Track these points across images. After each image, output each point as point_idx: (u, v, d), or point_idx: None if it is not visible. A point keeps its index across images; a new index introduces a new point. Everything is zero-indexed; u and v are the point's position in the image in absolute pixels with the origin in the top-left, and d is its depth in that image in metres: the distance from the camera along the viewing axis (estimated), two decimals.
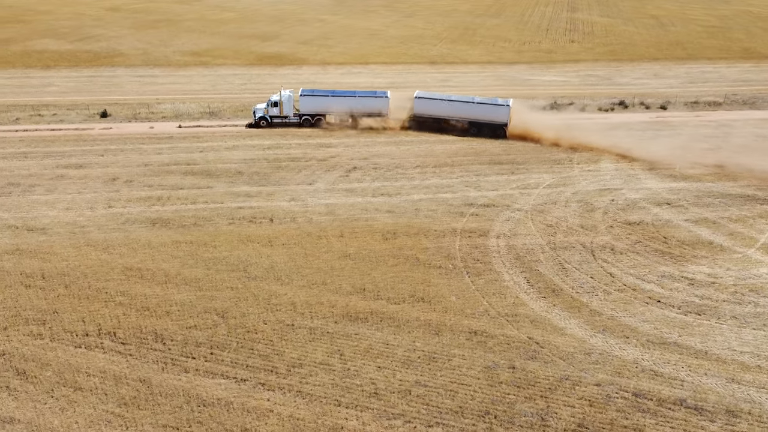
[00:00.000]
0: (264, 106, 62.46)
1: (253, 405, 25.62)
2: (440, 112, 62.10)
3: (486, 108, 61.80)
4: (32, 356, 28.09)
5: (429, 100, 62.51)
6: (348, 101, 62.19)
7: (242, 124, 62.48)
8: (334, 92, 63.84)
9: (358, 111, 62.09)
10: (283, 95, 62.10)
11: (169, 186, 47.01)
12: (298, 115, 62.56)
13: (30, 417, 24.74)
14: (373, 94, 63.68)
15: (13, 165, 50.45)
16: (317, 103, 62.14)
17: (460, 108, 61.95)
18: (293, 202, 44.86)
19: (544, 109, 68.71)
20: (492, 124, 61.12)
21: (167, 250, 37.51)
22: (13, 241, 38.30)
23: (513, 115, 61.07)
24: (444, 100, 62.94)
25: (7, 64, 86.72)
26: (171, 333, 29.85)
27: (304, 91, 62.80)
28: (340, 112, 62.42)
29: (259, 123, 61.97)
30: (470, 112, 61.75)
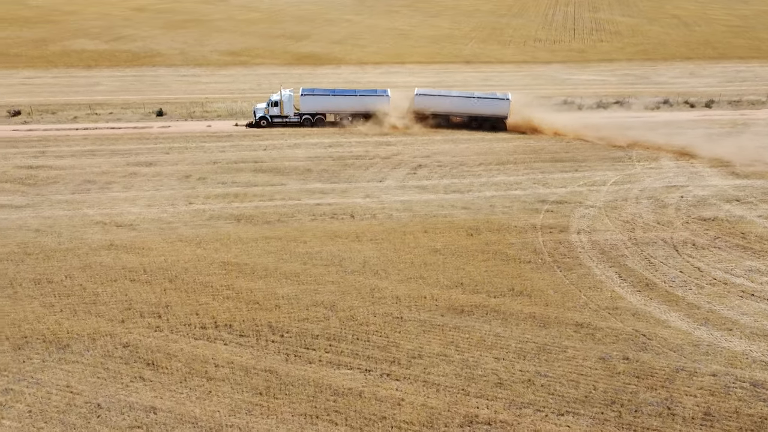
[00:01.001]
0: (264, 105, 62.10)
1: (384, 394, 26.26)
2: (442, 108, 62.43)
3: (487, 102, 62.45)
4: (157, 348, 28.76)
5: (430, 97, 62.76)
6: (349, 100, 62.12)
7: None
8: (335, 91, 63.63)
9: (359, 110, 61.94)
10: (283, 95, 61.81)
11: (242, 183, 47.71)
12: (298, 114, 62.20)
13: (170, 406, 25.38)
14: (374, 93, 63.41)
15: (84, 163, 51.17)
16: (318, 103, 62.00)
17: (461, 103, 62.52)
18: (368, 198, 45.54)
19: (590, 108, 69.50)
20: (493, 117, 61.94)
21: (259, 245, 38.17)
22: (106, 236, 38.98)
23: (513, 108, 61.91)
24: (445, 96, 63.50)
25: (49, 63, 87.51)
26: (285, 325, 30.48)
27: (305, 91, 62.55)
28: (341, 112, 62.37)
29: (260, 122, 61.66)
30: (471, 106, 62.34)
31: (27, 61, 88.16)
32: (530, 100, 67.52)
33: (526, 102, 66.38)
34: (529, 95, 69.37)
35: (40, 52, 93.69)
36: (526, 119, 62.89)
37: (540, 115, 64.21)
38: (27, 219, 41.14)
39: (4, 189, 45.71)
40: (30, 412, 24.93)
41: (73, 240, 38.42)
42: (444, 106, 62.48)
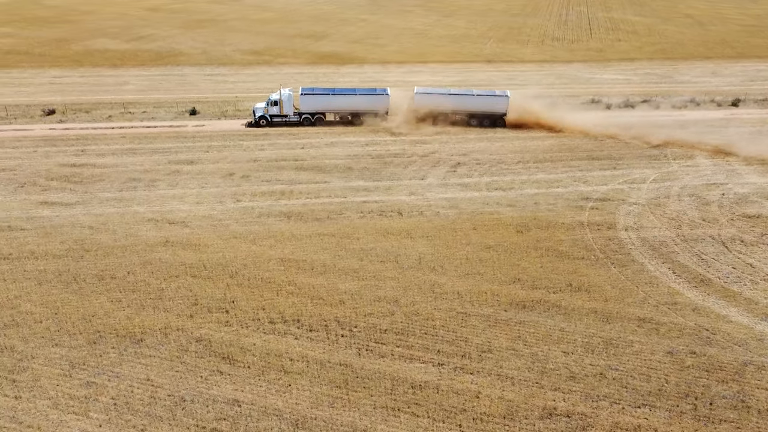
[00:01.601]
0: (264, 105, 61.94)
1: (460, 387, 26.61)
2: (442, 106, 62.40)
3: (486, 99, 62.95)
4: (230, 342, 29.10)
5: (430, 95, 62.90)
6: (349, 99, 62.20)
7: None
8: (335, 90, 63.66)
9: (359, 109, 62.03)
10: (282, 94, 61.58)
11: (286, 181, 48.07)
12: (298, 113, 62.03)
13: (252, 398, 25.74)
14: (374, 92, 63.45)
15: (125, 161, 51.56)
16: (318, 102, 61.98)
17: (461, 101, 62.76)
18: (413, 196, 45.88)
19: (618, 107, 69.84)
20: (492, 114, 62.32)
21: (313, 242, 38.53)
22: (160, 233, 39.36)
23: (511, 104, 62.25)
24: (444, 94, 63.68)
25: (74, 62, 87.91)
26: (352, 320, 30.84)
27: (305, 90, 62.51)
28: (341, 111, 62.52)
29: (259, 122, 61.49)
30: (471, 104, 62.66)
31: (52, 60, 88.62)
32: (556, 100, 68.01)
33: (551, 101, 66.87)
34: (551, 94, 69.88)
35: (63, 52, 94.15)
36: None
37: (570, 114, 64.62)
38: (79, 216, 41.56)
39: (52, 187, 46.15)
40: (115, 404, 25.31)
41: (129, 237, 38.84)
42: (444, 105, 62.45)
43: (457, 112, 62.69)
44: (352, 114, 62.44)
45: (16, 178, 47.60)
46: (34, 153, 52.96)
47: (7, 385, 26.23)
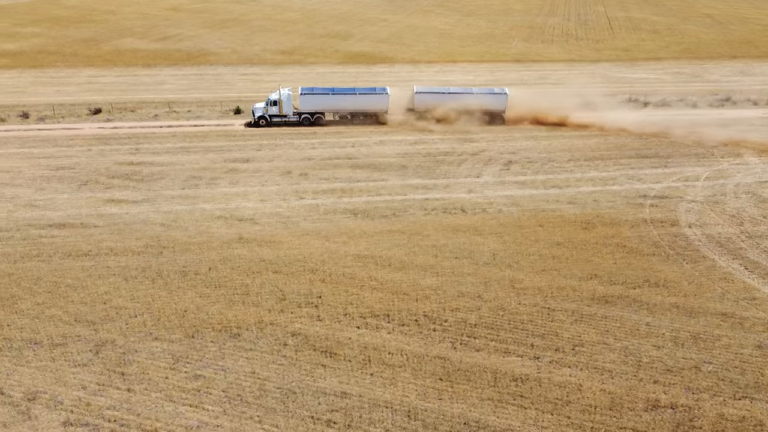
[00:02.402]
0: (263, 105, 61.82)
1: (560, 380, 27.04)
2: (442, 105, 62.61)
3: (486, 98, 63.21)
4: (325, 336, 29.55)
5: (430, 94, 63.22)
6: (348, 99, 62.25)
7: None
8: (334, 90, 63.62)
9: (359, 108, 62.14)
10: (282, 94, 61.45)
11: (344, 179, 48.55)
12: (297, 113, 61.89)
13: (359, 391, 26.17)
14: (373, 91, 63.42)
15: (181, 159, 52.06)
16: (317, 102, 61.91)
17: (461, 99, 62.94)
18: (472, 194, 46.32)
19: (656, 105, 70.25)
20: (492, 112, 62.68)
21: (385, 238, 38.99)
22: (232, 230, 39.84)
23: (510, 102, 62.81)
24: (444, 93, 63.97)
25: (107, 62, 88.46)
26: (440, 315, 31.29)
27: (304, 90, 62.46)
28: (341, 110, 62.50)
29: (258, 122, 61.35)
30: (471, 102, 62.78)
31: (85, 60, 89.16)
32: (598, 99, 68.49)
33: (583, 98, 67.46)
34: (587, 93, 70.29)
35: (94, 51, 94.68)
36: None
37: (610, 113, 65.14)
38: (148, 214, 42.05)
39: (114, 185, 46.65)
40: (227, 396, 25.76)
41: (202, 234, 39.32)
42: (444, 103, 62.66)
43: (458, 111, 62.76)
44: (352, 113, 62.44)
45: (77, 176, 48.15)
46: (89, 151, 53.51)
47: (117, 378, 26.70)
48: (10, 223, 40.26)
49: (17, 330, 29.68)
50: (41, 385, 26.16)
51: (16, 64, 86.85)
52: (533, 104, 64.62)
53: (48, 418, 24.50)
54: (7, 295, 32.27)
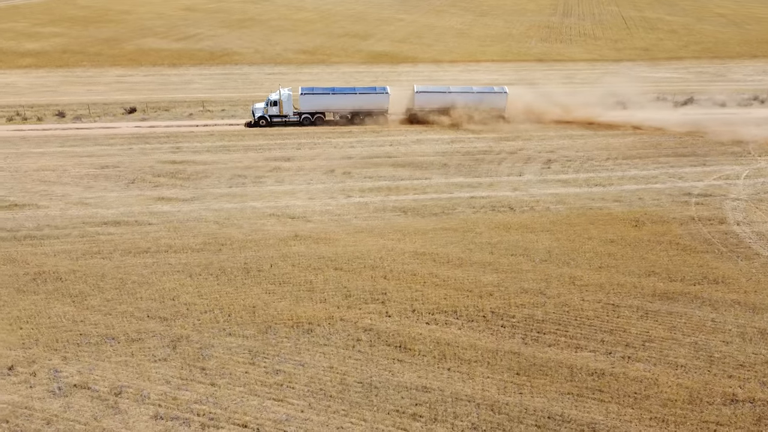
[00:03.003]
0: (263, 105, 61.58)
1: (635, 375, 27.31)
2: (442, 104, 62.51)
3: (486, 96, 63.11)
4: (396, 332, 29.80)
5: (430, 94, 63.03)
6: (349, 98, 61.86)
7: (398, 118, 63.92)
8: (334, 89, 63.17)
9: (360, 108, 61.89)
10: (282, 94, 61.15)
11: (388, 177, 48.80)
12: (297, 113, 61.60)
13: (439, 385, 26.45)
14: (374, 90, 63.04)
15: (223, 158, 52.32)
16: (317, 102, 61.57)
17: (462, 98, 62.72)
18: (517, 192, 46.58)
19: (684, 104, 70.47)
20: (492, 110, 62.46)
21: (439, 236, 39.27)
22: (286, 228, 40.13)
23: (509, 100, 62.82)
24: (444, 92, 63.70)
25: (132, 61, 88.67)
26: (506, 311, 31.57)
27: (304, 90, 62.15)
28: (342, 110, 62.22)
29: (259, 122, 60.98)
30: (471, 101, 62.65)
31: (110, 59, 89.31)
32: (631, 97, 68.87)
33: (620, 99, 67.79)
34: (617, 92, 70.53)
35: (118, 51, 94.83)
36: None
37: (642, 112, 65.44)
38: (200, 212, 42.32)
39: (162, 183, 46.93)
40: (310, 391, 26.06)
41: (257, 231, 39.60)
42: (445, 102, 62.59)
43: (458, 109, 62.65)
44: (352, 113, 62.21)
45: (123, 174, 48.40)
46: (130, 150, 53.76)
47: (198, 372, 27.02)
48: (65, 221, 40.59)
49: (91, 326, 30.00)
50: (125, 380, 26.49)
51: (43, 63, 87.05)
52: (557, 101, 64.94)
53: (137, 412, 24.82)
54: (76, 292, 32.61)
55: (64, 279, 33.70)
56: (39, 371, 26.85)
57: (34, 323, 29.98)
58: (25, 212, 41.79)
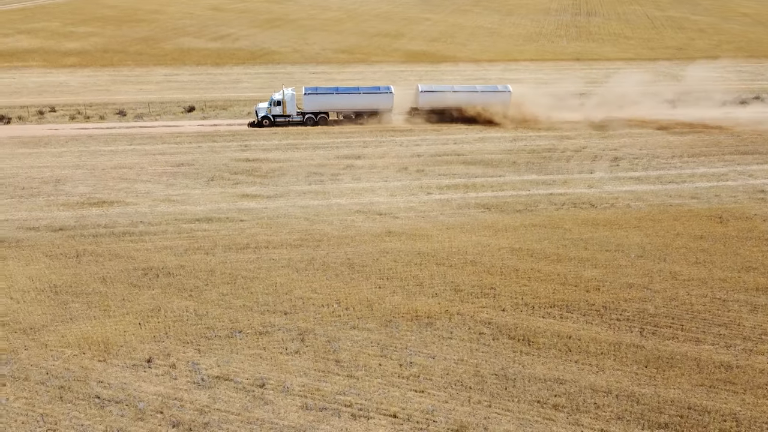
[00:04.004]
0: (266, 105, 61.48)
1: (762, 367, 27.65)
2: (446, 103, 62.64)
3: (490, 95, 63.18)
4: (515, 325, 30.30)
5: (435, 93, 63.16)
6: (353, 98, 61.92)
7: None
8: (338, 89, 63.25)
9: (363, 108, 61.92)
10: (285, 94, 61.23)
11: (461, 174, 49.32)
12: (301, 113, 61.61)
13: (571, 377, 26.87)
14: (377, 90, 63.15)
15: (294, 156, 52.84)
16: (322, 101, 61.53)
17: (466, 98, 62.89)
18: (593, 189, 47.09)
19: (733, 104, 70.93)
20: (496, 108, 62.35)
21: (529, 232, 39.75)
22: (376, 224, 40.63)
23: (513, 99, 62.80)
24: (448, 91, 63.79)
25: (176, 61, 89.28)
26: (616, 305, 31.97)
27: (308, 90, 62.17)
28: (345, 110, 62.33)
29: (262, 122, 60.98)
30: (476, 100, 62.77)
31: (153, 59, 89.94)
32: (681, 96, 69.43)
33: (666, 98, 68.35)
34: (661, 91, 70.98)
35: (158, 50, 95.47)
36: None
37: (694, 110, 65.96)
38: (287, 208, 42.85)
39: (240, 180, 47.45)
40: (447, 382, 26.53)
41: (349, 228, 40.12)
42: (449, 102, 62.74)
43: (462, 109, 63.00)
44: (356, 113, 62.32)
45: (200, 172, 48.95)
46: (199, 148, 54.31)
47: (332, 365, 27.50)
48: (157, 218, 41.14)
49: (214, 319, 30.51)
50: (264, 372, 26.99)
51: (86, 62, 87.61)
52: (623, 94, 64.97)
53: (284, 403, 25.32)
54: (190, 286, 33.13)
55: (174, 274, 34.27)
56: (177, 363, 27.40)
57: (160, 317, 30.53)
58: (115, 209, 42.41)
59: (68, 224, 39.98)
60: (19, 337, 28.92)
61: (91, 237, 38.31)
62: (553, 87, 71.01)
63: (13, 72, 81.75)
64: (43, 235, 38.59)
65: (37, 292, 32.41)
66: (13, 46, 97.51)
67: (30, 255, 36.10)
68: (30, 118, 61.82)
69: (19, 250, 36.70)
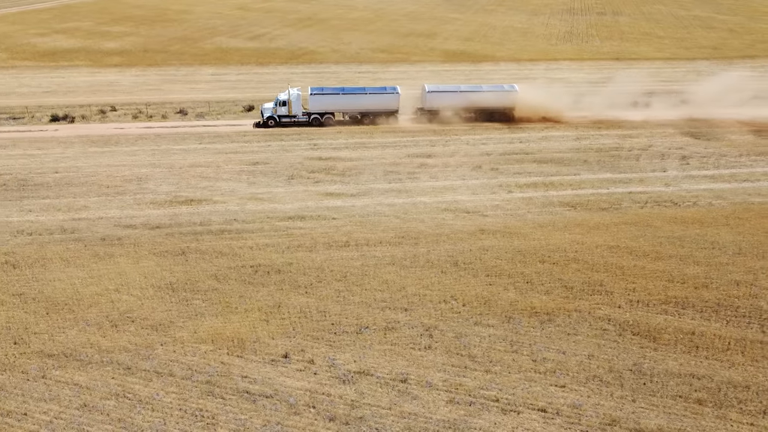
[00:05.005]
0: (272, 105, 61.34)
1: None
2: (453, 103, 62.45)
3: (496, 95, 62.98)
4: (634, 321, 30.51)
5: (441, 93, 63.01)
6: (359, 98, 61.75)
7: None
8: (344, 89, 63.26)
9: (370, 108, 61.68)
10: (291, 94, 61.01)
11: (536, 173, 49.61)
12: (306, 113, 61.16)
13: (706, 372, 27.06)
14: (384, 90, 63.08)
15: (366, 155, 53.12)
16: (328, 102, 61.30)
17: (472, 98, 62.63)
18: (671, 187, 47.34)
19: None
20: (502, 108, 62.53)
21: (621, 230, 40.01)
22: (468, 222, 40.93)
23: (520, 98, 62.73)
24: (455, 91, 63.73)
25: (219, 60, 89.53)
26: (729, 302, 32.11)
27: (314, 90, 62.12)
28: (351, 110, 62.04)
29: (267, 122, 60.67)
30: (482, 99, 62.49)
31: (196, 58, 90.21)
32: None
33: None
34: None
35: (198, 50, 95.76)
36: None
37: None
38: (375, 207, 43.13)
39: (320, 179, 47.70)
40: (584, 377, 26.73)
41: (441, 226, 40.43)
42: (455, 102, 62.59)
43: (469, 109, 62.96)
44: (362, 113, 62.10)
45: (277, 170, 49.27)
46: (269, 147, 54.63)
47: (468, 360, 27.78)
48: (250, 216, 41.47)
49: (337, 315, 30.83)
50: (401, 368, 27.31)
51: (131, 62, 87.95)
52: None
53: (431, 398, 25.63)
54: (303, 283, 33.44)
55: (284, 271, 34.61)
56: (315, 359, 27.73)
57: (283, 314, 30.86)
58: (205, 207, 42.76)
59: (164, 222, 40.38)
60: (150, 333, 29.33)
61: (191, 235, 38.70)
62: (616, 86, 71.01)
63: (61, 71, 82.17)
64: (142, 232, 39.01)
65: (155, 289, 32.80)
66: (53, 46, 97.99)
67: (136, 252, 36.50)
68: (93, 117, 62.30)
69: (123, 247, 37.11)
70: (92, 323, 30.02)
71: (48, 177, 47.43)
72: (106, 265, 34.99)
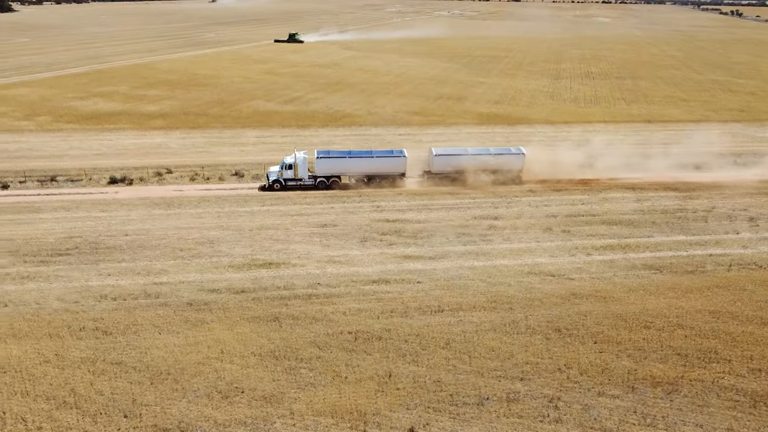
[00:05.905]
0: (278, 168, 61.39)
1: None
2: (460, 166, 62.58)
3: (504, 158, 63.35)
4: (765, 392, 29.44)
5: (449, 156, 63.08)
6: (366, 162, 61.80)
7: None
8: (351, 153, 63.60)
9: (376, 171, 61.79)
10: (297, 157, 61.14)
11: (608, 235, 49.14)
12: (313, 176, 61.30)
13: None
14: (390, 154, 63.39)
15: (433, 216, 52.84)
16: (334, 165, 61.31)
17: (480, 160, 62.84)
18: (750, 249, 46.72)
19: None
20: (510, 171, 62.89)
21: (716, 294, 39.25)
22: (555, 286, 40.16)
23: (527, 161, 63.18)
24: (463, 154, 63.84)
25: (260, 123, 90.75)
26: None
27: (320, 153, 62.18)
28: (358, 173, 62.10)
29: (273, 186, 60.70)
30: (489, 162, 62.83)
31: (237, 121, 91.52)
32: None
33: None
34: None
35: (236, 113, 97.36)
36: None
37: None
38: (457, 270, 42.41)
39: (393, 241, 47.13)
40: None
41: (529, 290, 39.65)
42: (462, 165, 62.73)
43: (477, 171, 62.70)
44: (368, 176, 62.20)
45: (347, 232, 48.87)
46: (332, 209, 54.43)
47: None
48: (333, 279, 40.75)
49: (452, 385, 29.71)
50: None
51: (174, 125, 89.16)
52: None
53: None
54: (408, 351, 32.36)
55: (384, 338, 33.61)
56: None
57: (396, 384, 29.70)
58: (285, 270, 42.09)
59: (248, 286, 39.63)
60: (264, 405, 28.11)
61: (278, 299, 37.90)
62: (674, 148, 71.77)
63: (107, 134, 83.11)
64: (228, 297, 38.19)
65: (257, 357, 31.75)
66: (94, 109, 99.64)
67: (227, 318, 35.60)
68: (150, 179, 62.52)
69: (213, 313, 36.25)
70: (201, 394, 28.86)
71: (119, 240, 47.06)
72: (201, 332, 34.09)
